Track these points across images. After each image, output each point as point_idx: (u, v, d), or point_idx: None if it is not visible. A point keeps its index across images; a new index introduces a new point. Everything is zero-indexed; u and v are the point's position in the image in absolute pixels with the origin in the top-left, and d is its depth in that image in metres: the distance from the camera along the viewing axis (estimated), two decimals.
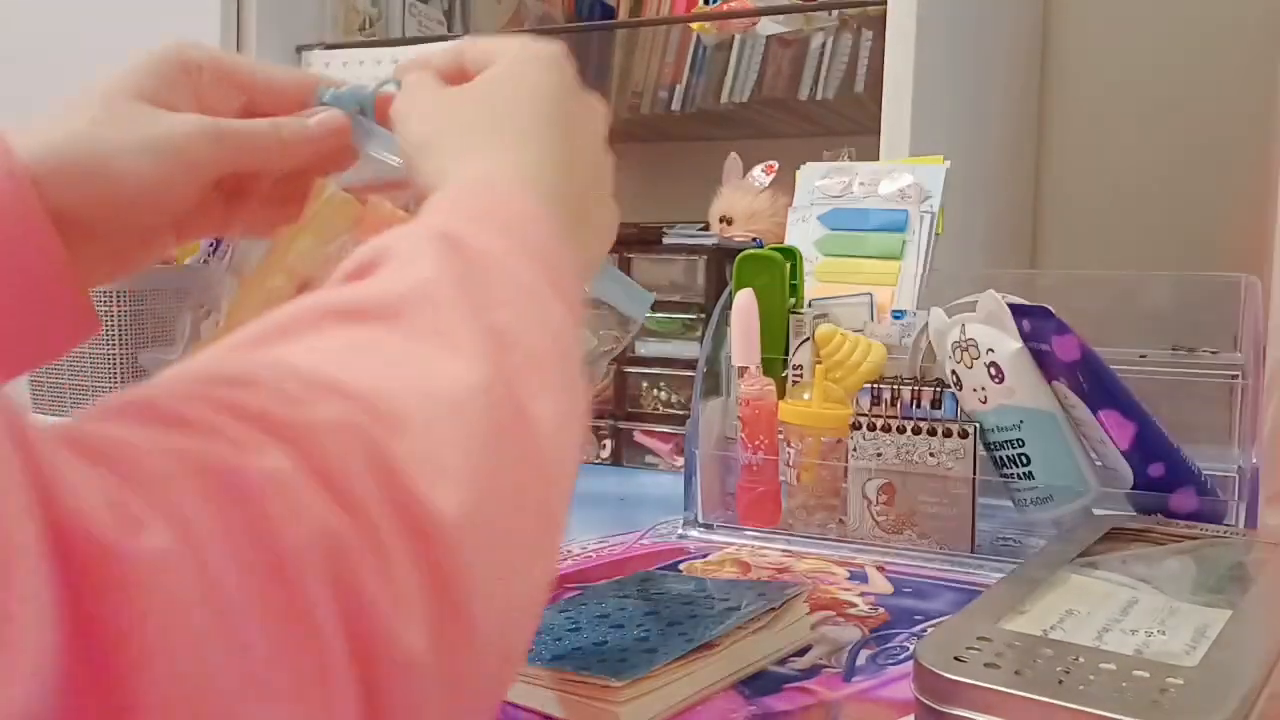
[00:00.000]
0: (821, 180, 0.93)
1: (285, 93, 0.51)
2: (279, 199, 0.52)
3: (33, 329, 0.45)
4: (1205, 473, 0.66)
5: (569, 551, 0.72)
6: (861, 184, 0.91)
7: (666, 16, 1.90)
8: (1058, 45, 1.88)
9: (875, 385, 0.73)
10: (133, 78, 0.46)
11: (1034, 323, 0.66)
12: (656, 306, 0.53)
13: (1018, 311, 0.67)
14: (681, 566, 0.68)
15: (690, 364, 0.95)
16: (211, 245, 1.04)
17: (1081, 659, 0.40)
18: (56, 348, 0.47)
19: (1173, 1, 1.78)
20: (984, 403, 0.69)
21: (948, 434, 0.69)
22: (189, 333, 0.57)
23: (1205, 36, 1.76)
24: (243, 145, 0.48)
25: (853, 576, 0.66)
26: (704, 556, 0.71)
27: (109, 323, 1.02)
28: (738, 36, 1.82)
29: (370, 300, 0.31)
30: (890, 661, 0.52)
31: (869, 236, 0.88)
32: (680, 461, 0.88)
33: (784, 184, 1.08)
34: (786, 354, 0.79)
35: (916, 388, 0.72)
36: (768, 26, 1.80)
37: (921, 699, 0.40)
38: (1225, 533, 0.62)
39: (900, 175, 0.90)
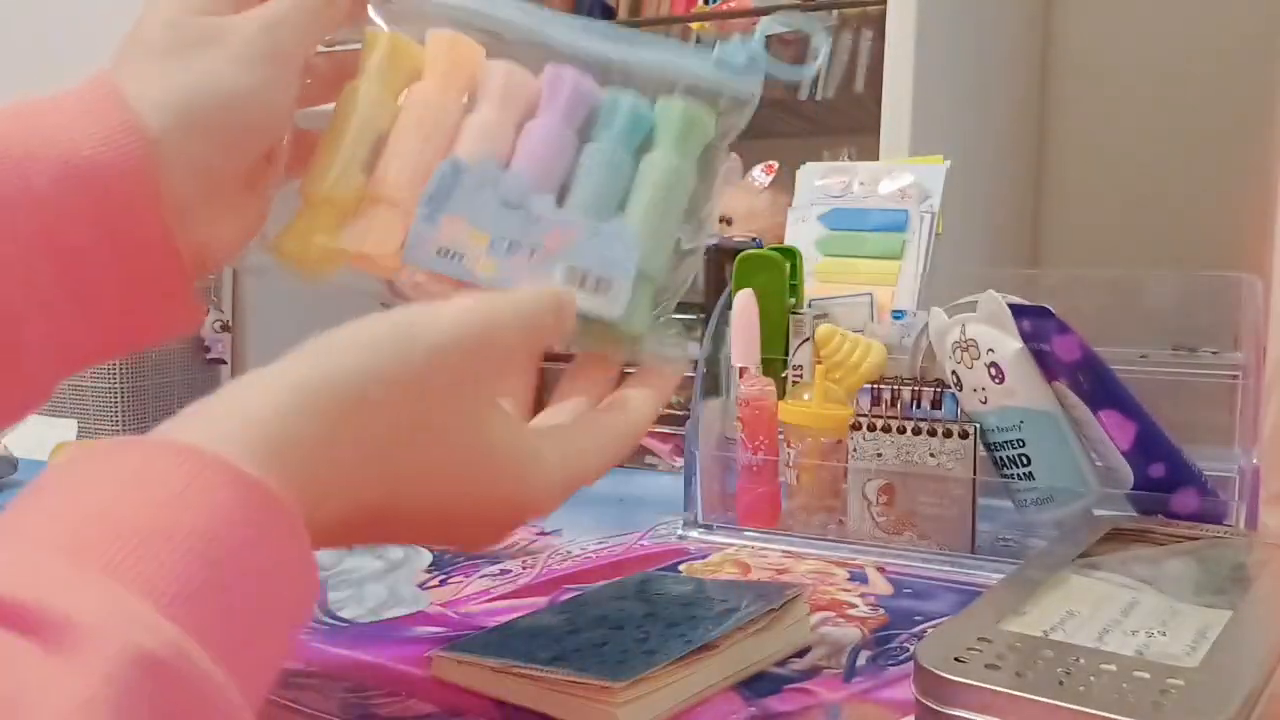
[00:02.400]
0: (821, 180, 0.93)
1: None
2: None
3: (141, 317, 0.43)
4: (1206, 473, 0.66)
5: (568, 553, 0.71)
6: (861, 184, 0.91)
7: (666, 16, 1.89)
8: (1059, 44, 1.88)
9: (875, 386, 0.72)
10: None
11: (1034, 323, 0.66)
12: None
13: (1018, 311, 0.67)
14: (681, 567, 0.68)
15: (689, 364, 0.94)
16: None
17: (1082, 660, 0.40)
18: (156, 338, 0.45)
19: (1174, 1, 1.78)
20: (984, 403, 0.68)
21: (948, 434, 0.69)
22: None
23: (1206, 36, 1.76)
24: (319, 16, 0.44)
25: (853, 577, 0.66)
26: (703, 557, 0.71)
27: None
28: (737, 36, 1.82)
29: None
30: (890, 662, 0.52)
31: (869, 236, 0.88)
32: (680, 462, 0.87)
33: (784, 184, 1.08)
34: (786, 354, 0.79)
35: (917, 388, 0.71)
36: (767, 26, 1.79)
37: (922, 700, 0.40)
38: (1226, 533, 0.61)
39: (900, 175, 0.90)
